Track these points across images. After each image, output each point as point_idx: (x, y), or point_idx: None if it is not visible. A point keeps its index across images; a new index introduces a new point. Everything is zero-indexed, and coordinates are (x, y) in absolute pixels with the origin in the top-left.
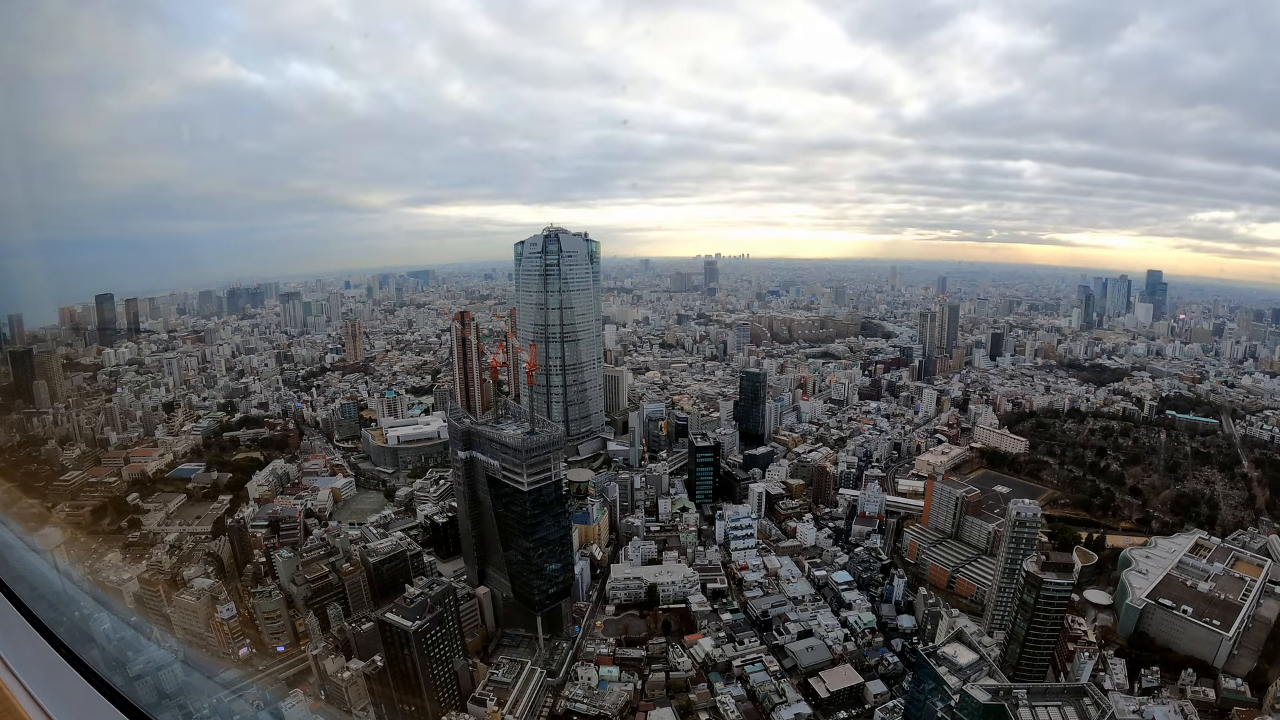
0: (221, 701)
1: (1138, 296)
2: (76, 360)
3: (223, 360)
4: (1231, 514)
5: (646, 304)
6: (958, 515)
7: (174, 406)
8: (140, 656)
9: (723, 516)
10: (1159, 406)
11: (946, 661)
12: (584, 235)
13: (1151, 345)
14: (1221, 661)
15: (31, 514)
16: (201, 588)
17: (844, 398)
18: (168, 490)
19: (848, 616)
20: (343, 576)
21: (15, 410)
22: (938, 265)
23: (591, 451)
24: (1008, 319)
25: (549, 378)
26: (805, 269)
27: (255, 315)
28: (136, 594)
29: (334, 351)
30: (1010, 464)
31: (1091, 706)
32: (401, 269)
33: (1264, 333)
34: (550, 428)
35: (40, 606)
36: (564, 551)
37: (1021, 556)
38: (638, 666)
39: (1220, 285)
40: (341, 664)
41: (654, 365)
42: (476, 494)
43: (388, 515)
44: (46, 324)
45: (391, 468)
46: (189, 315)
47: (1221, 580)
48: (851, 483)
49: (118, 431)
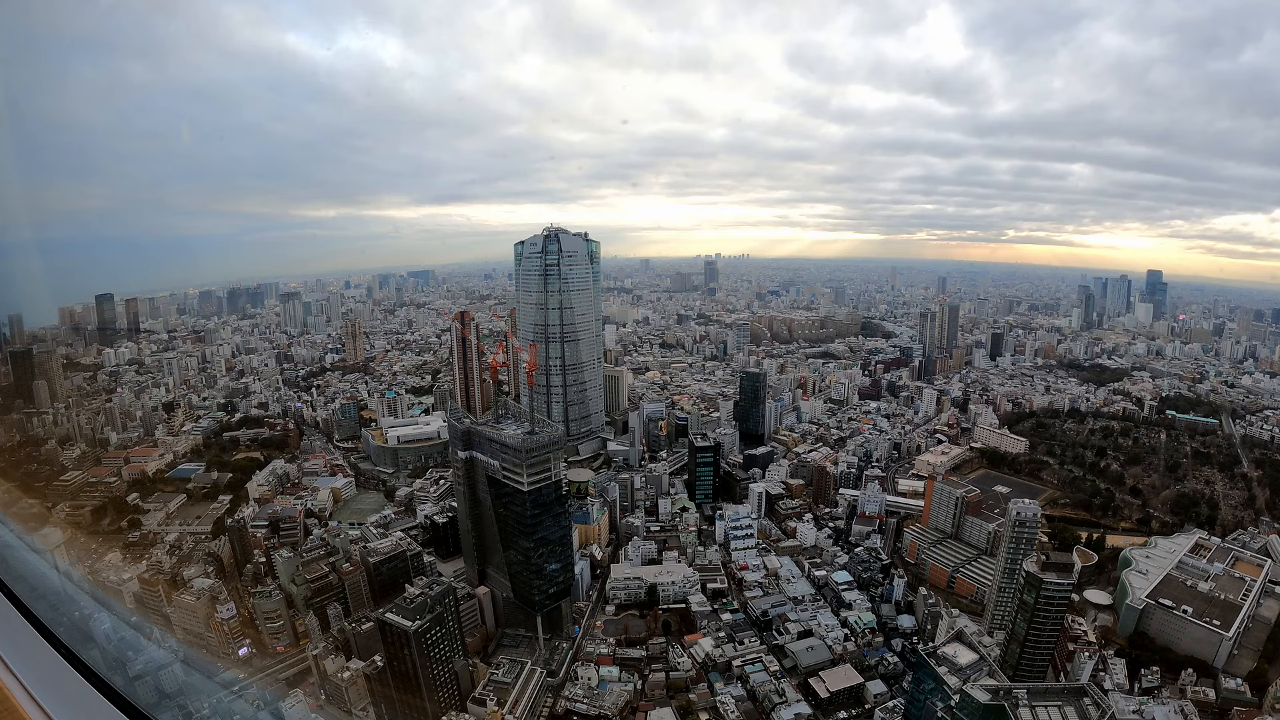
0: (221, 701)
1: (1138, 296)
2: (76, 360)
3: (223, 360)
4: (1231, 514)
5: (646, 304)
6: (958, 515)
7: (174, 406)
8: (140, 656)
9: (723, 516)
10: (1159, 406)
11: (946, 661)
12: (584, 235)
13: (1151, 345)
14: (1221, 661)
15: (31, 514)
16: (201, 588)
17: (844, 398)
18: (168, 490)
19: (848, 616)
20: (343, 576)
21: (15, 410)
22: (938, 265)
23: (591, 451)
24: (1008, 319)
25: (549, 378)
26: (805, 269)
27: (255, 315)
28: (136, 594)
29: (334, 351)
30: (1010, 464)
31: (1091, 706)
32: (401, 269)
33: (1264, 333)
34: (550, 428)
35: (40, 606)
36: (564, 551)
37: (1021, 556)
38: (638, 666)
39: (1220, 285)
40: (341, 664)
41: (654, 365)
42: (476, 494)
43: (388, 515)
44: (46, 324)
45: (391, 468)
46: (189, 315)
47: (1221, 580)
48: (851, 483)
49: (118, 431)
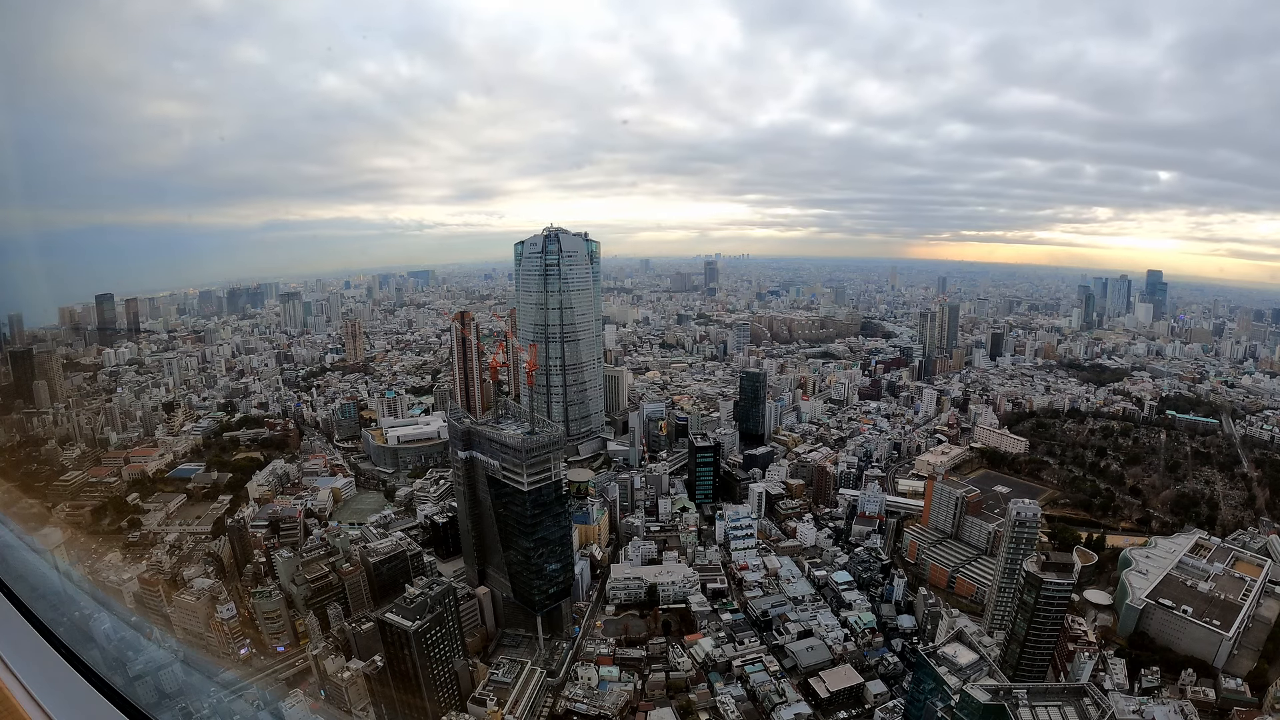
0: (221, 701)
1: (1138, 296)
2: (76, 360)
3: (223, 360)
4: (1231, 514)
5: (646, 304)
6: (958, 515)
7: (174, 406)
8: (140, 656)
9: (723, 516)
10: (1159, 406)
11: (946, 661)
12: (584, 235)
13: (1151, 345)
14: (1221, 661)
15: (31, 514)
16: (201, 588)
17: (844, 398)
18: (168, 490)
19: (848, 616)
20: (343, 576)
21: (15, 410)
22: (938, 265)
23: (591, 451)
24: (1008, 319)
25: (549, 378)
26: (805, 269)
27: (255, 315)
28: (136, 594)
29: (334, 351)
30: (1010, 464)
31: (1091, 706)
32: (401, 269)
33: (1264, 333)
34: (550, 428)
35: (40, 606)
36: (564, 551)
37: (1021, 556)
38: (638, 666)
39: (1220, 285)
40: (341, 664)
41: (654, 365)
42: (476, 494)
43: (388, 515)
44: (46, 324)
45: (391, 468)
46: (189, 315)
47: (1221, 580)
48: (851, 483)
49: (118, 431)
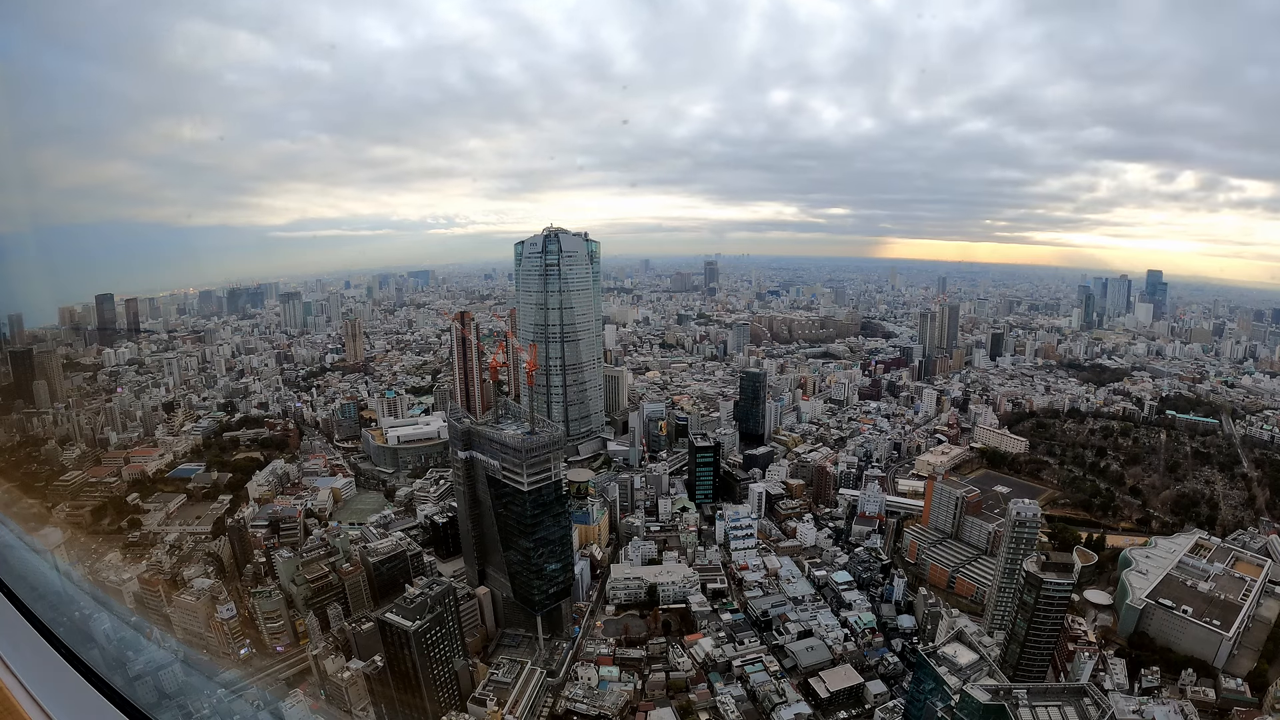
0: (221, 701)
1: (1138, 296)
2: (76, 360)
3: (223, 360)
4: (1231, 514)
5: (646, 304)
6: (958, 515)
7: (174, 406)
8: (140, 656)
9: (723, 516)
10: (1159, 406)
11: (946, 661)
12: (584, 235)
13: (1151, 345)
14: (1221, 661)
15: (31, 514)
16: (201, 588)
17: (844, 398)
18: (168, 490)
19: (848, 616)
20: (343, 576)
21: (15, 410)
22: (938, 265)
23: (591, 451)
24: (1008, 319)
25: (549, 378)
26: (805, 269)
27: (255, 315)
28: (136, 594)
29: (334, 351)
30: (1010, 464)
31: (1091, 706)
32: (401, 269)
33: (1264, 333)
34: (550, 428)
35: (40, 606)
36: (564, 551)
37: (1021, 556)
38: (638, 666)
39: (1220, 285)
40: (341, 664)
41: (654, 365)
42: (476, 494)
43: (388, 515)
44: (46, 324)
45: (391, 468)
46: (189, 315)
47: (1221, 580)
48: (851, 483)
49: (118, 431)
